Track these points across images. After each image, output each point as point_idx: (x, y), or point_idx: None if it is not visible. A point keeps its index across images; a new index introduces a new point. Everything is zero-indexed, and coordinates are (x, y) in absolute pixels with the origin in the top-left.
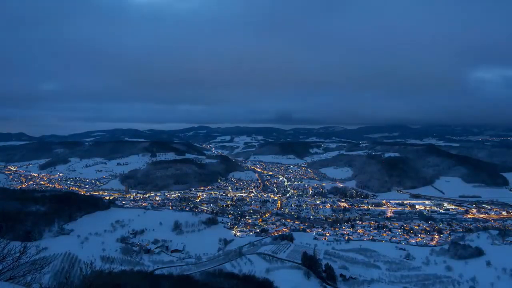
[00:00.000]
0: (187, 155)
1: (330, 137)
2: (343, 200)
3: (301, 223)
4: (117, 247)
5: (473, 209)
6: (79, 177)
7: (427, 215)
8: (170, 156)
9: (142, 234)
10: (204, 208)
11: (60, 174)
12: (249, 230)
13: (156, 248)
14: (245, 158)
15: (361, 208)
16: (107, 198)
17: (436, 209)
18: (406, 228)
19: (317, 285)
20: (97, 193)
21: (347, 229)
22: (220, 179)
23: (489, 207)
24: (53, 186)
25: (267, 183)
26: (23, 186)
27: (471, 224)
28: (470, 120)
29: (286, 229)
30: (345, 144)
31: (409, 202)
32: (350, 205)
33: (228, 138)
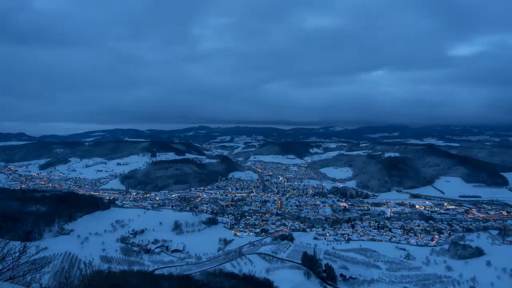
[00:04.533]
0: (187, 155)
1: (330, 137)
2: (343, 200)
3: (301, 223)
4: (117, 247)
5: (473, 209)
6: (79, 177)
7: (427, 215)
8: (170, 156)
9: (142, 234)
10: (204, 208)
11: (60, 174)
12: (249, 230)
13: (156, 248)
14: (245, 158)
15: (361, 208)
16: (107, 198)
17: (436, 209)
18: (406, 228)
19: (317, 285)
20: (97, 193)
21: (347, 229)
22: (220, 179)
23: (489, 207)
24: (53, 186)
25: (267, 183)
26: (23, 186)
27: (471, 224)
28: (470, 120)
29: (286, 229)
30: (345, 144)
31: (409, 202)
32: (350, 205)
33: (228, 138)
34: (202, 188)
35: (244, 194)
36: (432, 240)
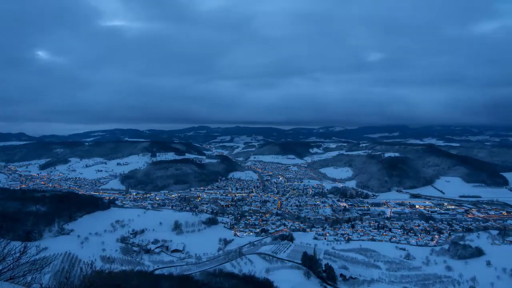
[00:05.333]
0: (187, 155)
1: (330, 137)
2: (343, 200)
3: (301, 223)
4: (117, 247)
5: (473, 209)
6: (79, 177)
7: (427, 215)
8: (170, 156)
9: (142, 234)
10: (204, 208)
11: (60, 174)
12: (249, 230)
13: (156, 248)
14: (245, 158)
15: (361, 208)
16: (107, 198)
17: (436, 209)
18: (406, 228)
19: (317, 285)
20: (97, 193)
21: (347, 229)
22: (220, 179)
23: (489, 207)
24: (53, 186)
25: (267, 183)
26: (23, 186)
27: (471, 224)
28: (470, 120)
29: (286, 229)
30: (345, 144)
31: (409, 202)
32: (350, 205)
33: (228, 138)
34: (202, 188)
35: (244, 194)
36: (432, 240)
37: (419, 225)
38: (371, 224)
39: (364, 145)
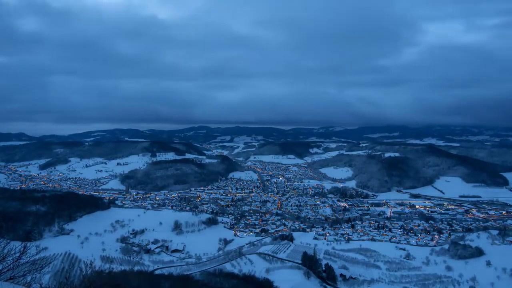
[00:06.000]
0: (187, 155)
1: (330, 137)
2: (343, 200)
3: (301, 223)
4: (117, 247)
5: (473, 209)
6: (79, 177)
7: (427, 215)
8: (170, 156)
9: (142, 234)
10: (204, 208)
11: (60, 174)
12: (249, 230)
13: (156, 248)
14: (245, 158)
15: (361, 208)
16: (107, 198)
17: (436, 209)
18: (406, 228)
19: (317, 285)
20: (97, 193)
21: (347, 229)
22: (220, 179)
23: (489, 207)
24: (53, 186)
25: (267, 183)
26: (23, 186)
27: (471, 224)
28: (470, 120)
29: (286, 229)
30: (345, 144)
31: (409, 202)
32: (350, 205)
33: (228, 138)
34: (202, 188)
35: (244, 194)
36: (432, 240)
37: (419, 225)
38: (371, 224)
39: (364, 145)
